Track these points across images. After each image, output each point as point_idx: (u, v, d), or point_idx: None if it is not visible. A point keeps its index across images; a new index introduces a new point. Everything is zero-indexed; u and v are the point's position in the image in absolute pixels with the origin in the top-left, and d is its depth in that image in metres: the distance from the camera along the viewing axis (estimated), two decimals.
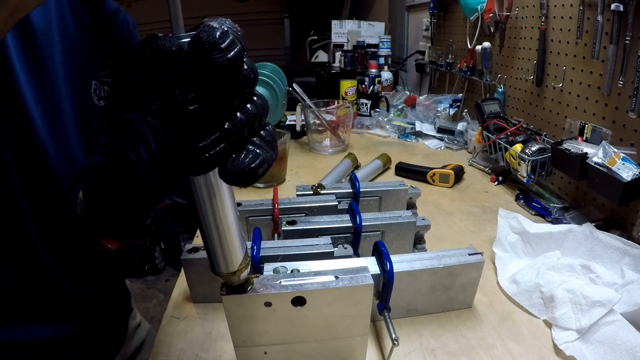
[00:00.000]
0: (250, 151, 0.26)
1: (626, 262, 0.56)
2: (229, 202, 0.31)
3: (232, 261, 0.33)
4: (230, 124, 0.25)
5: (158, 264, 2.21)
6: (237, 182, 0.26)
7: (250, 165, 0.26)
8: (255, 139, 0.27)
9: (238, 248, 0.32)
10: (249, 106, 0.26)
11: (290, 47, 3.35)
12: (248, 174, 0.26)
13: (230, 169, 0.26)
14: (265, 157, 0.27)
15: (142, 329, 0.67)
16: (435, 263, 0.49)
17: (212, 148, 0.25)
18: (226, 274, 0.33)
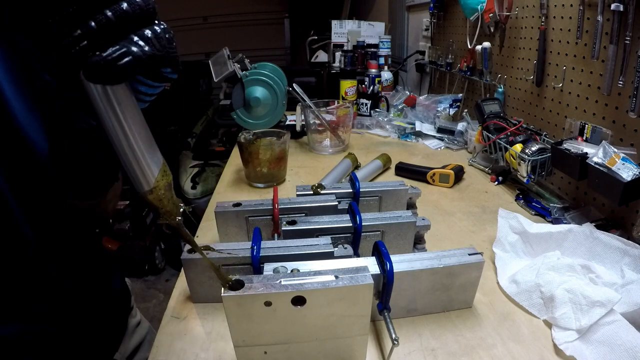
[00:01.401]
0: (116, 46, 0.27)
1: (626, 262, 0.56)
2: (128, 109, 0.31)
3: (146, 176, 0.33)
4: (94, 21, 0.26)
5: (158, 264, 2.21)
6: (96, 76, 0.27)
7: (107, 58, 0.26)
8: (133, 37, 0.27)
9: (148, 160, 0.33)
10: (123, 4, 0.26)
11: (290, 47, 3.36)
12: (104, 66, 0.26)
13: (87, 65, 0.26)
14: (132, 50, 0.27)
15: (142, 327, 0.67)
16: (435, 263, 0.49)
17: (74, 44, 0.26)
18: (144, 192, 0.34)
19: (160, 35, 0.29)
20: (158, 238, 2.24)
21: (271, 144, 0.91)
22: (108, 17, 0.26)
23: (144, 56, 0.28)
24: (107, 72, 0.27)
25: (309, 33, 2.16)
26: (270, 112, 1.21)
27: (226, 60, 1.17)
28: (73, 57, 0.26)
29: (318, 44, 2.07)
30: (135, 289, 2.08)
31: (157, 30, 0.29)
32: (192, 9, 3.15)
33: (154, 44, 0.28)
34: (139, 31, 0.28)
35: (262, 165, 0.91)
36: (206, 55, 1.55)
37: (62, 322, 0.46)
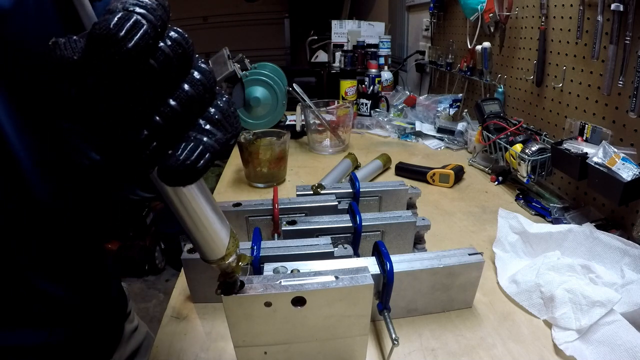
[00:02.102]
0: (190, 141, 0.23)
1: (626, 262, 0.56)
2: (199, 192, 0.28)
3: (218, 246, 0.32)
4: (159, 116, 0.22)
5: (158, 264, 2.21)
6: (176, 181, 0.23)
7: (185, 162, 0.23)
8: (201, 122, 0.24)
9: (219, 232, 0.31)
10: (185, 86, 0.22)
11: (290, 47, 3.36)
12: (184, 172, 0.23)
13: (163, 169, 0.23)
14: (208, 145, 0.23)
15: (139, 333, 0.66)
16: (435, 263, 0.49)
17: (144, 148, 0.22)
18: (215, 260, 0.33)
19: (227, 112, 0.25)
20: (158, 238, 2.24)
21: (271, 144, 0.91)
22: (173, 107, 0.22)
23: (220, 147, 0.24)
24: (186, 176, 0.23)
25: (309, 33, 2.16)
26: (270, 112, 1.22)
27: (226, 60, 1.17)
28: (144, 161, 0.22)
29: (318, 44, 2.07)
30: (135, 289, 2.09)
31: (222, 106, 0.24)
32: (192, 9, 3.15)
33: (224, 127, 0.24)
34: (206, 113, 0.24)
35: (262, 165, 0.91)
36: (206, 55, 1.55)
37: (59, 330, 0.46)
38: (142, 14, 0.20)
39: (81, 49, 0.20)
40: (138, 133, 0.21)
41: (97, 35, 0.19)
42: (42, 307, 0.43)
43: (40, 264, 0.42)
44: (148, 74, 0.20)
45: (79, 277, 0.48)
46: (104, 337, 0.56)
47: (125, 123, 0.21)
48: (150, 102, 0.21)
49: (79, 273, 0.48)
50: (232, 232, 0.33)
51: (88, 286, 0.50)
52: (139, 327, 0.67)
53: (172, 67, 0.21)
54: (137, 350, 0.64)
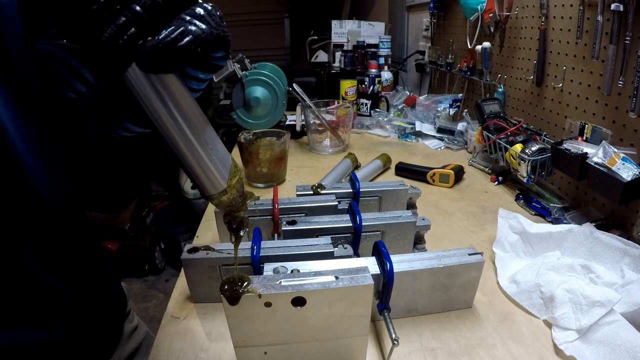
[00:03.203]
0: (170, 26, 0.23)
1: (626, 262, 0.56)
2: (189, 109, 0.27)
3: (217, 178, 0.29)
4: (138, 5, 0.22)
5: (158, 264, 2.21)
6: (155, 63, 0.23)
7: (165, 39, 0.22)
8: (184, 16, 0.23)
9: (217, 161, 0.29)
10: None
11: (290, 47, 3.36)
12: (163, 49, 0.22)
13: (142, 50, 0.22)
14: (191, 29, 0.23)
15: (138, 333, 0.65)
16: (435, 263, 0.49)
17: (120, 36, 0.22)
18: (216, 194, 0.30)
19: (212, 12, 0.25)
20: (158, 238, 2.24)
21: (271, 144, 0.91)
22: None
23: (203, 34, 0.24)
24: (166, 56, 0.23)
25: (309, 33, 2.16)
26: (270, 112, 1.22)
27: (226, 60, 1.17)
28: (121, 48, 0.22)
29: (318, 44, 2.07)
30: (135, 289, 2.09)
31: (207, 7, 0.25)
32: None
33: (209, 22, 0.24)
34: (189, 10, 0.24)
35: (262, 165, 0.91)
36: None
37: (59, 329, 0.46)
38: None
39: None
40: (116, 20, 0.22)
41: None
42: (42, 306, 0.43)
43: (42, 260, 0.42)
44: None
45: (79, 275, 0.48)
46: (104, 336, 0.56)
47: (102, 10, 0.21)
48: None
49: (79, 271, 0.48)
50: (233, 163, 0.31)
51: (88, 285, 0.50)
52: (138, 326, 0.66)
53: None
54: (137, 350, 0.64)
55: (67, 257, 0.46)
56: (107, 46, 0.22)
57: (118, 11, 0.22)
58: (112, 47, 0.22)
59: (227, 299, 0.36)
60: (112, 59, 0.22)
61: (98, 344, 0.54)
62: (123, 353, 0.60)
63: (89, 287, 0.50)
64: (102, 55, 0.22)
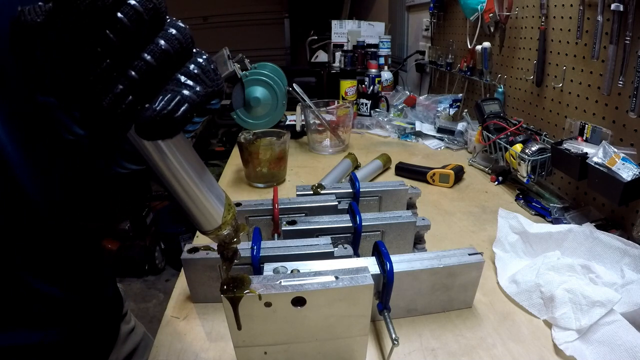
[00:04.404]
0: (167, 93, 0.23)
1: (626, 262, 0.56)
2: (185, 154, 0.28)
3: (212, 215, 0.31)
4: (134, 70, 0.22)
5: (158, 264, 2.21)
6: (153, 133, 0.23)
7: (162, 111, 0.22)
8: (179, 76, 0.23)
9: (212, 200, 0.30)
10: (160, 41, 0.22)
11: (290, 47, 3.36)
12: (161, 122, 0.22)
13: (140, 122, 0.22)
14: (187, 95, 0.23)
15: (135, 334, 0.65)
16: (435, 263, 0.49)
17: (118, 104, 0.22)
18: (212, 230, 0.31)
19: (206, 68, 0.25)
20: (158, 238, 2.24)
21: (271, 144, 0.91)
22: (148, 62, 0.22)
23: (199, 99, 0.24)
24: (164, 127, 0.23)
25: (309, 33, 2.16)
26: (270, 112, 1.22)
27: (226, 60, 1.17)
28: (120, 116, 0.22)
29: (318, 44, 2.07)
30: (135, 289, 2.09)
31: (201, 63, 0.25)
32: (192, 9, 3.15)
33: (204, 81, 0.24)
34: (184, 69, 0.24)
35: (262, 165, 0.91)
36: None
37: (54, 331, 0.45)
38: None
39: (45, 12, 0.21)
40: (113, 88, 0.22)
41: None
42: (37, 308, 0.43)
43: (34, 264, 0.41)
44: (116, 27, 0.20)
45: (74, 277, 0.48)
46: (100, 337, 0.56)
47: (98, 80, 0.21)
48: (123, 58, 0.22)
49: (74, 273, 0.48)
50: (227, 200, 0.32)
51: (83, 286, 0.49)
52: (135, 328, 0.66)
53: (142, 22, 0.21)
54: (134, 352, 0.64)
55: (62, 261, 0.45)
56: (106, 114, 0.22)
57: (115, 78, 0.22)
58: (111, 115, 0.22)
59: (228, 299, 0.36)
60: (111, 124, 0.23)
61: (94, 346, 0.54)
62: (120, 355, 0.60)
63: (84, 289, 0.50)
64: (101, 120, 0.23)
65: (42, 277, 0.43)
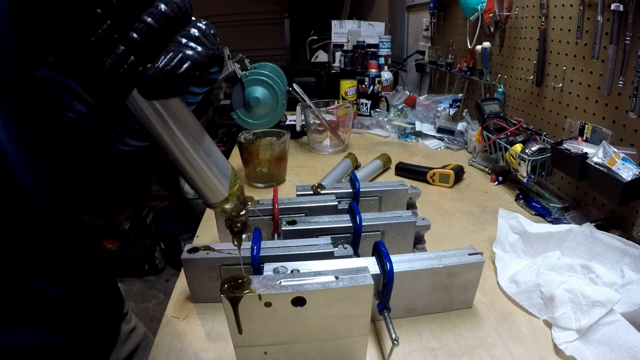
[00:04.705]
0: (168, 52, 0.23)
1: (626, 262, 0.56)
2: (188, 124, 0.28)
3: (218, 187, 0.30)
4: (135, 32, 0.22)
5: (158, 264, 2.21)
6: (157, 91, 0.23)
7: (165, 67, 0.23)
8: (180, 39, 0.24)
9: (217, 171, 0.30)
10: (160, 6, 0.23)
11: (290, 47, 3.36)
12: (164, 78, 0.23)
13: (143, 79, 0.22)
14: (189, 54, 0.23)
15: (136, 334, 0.65)
16: (435, 263, 0.49)
17: (120, 65, 0.22)
18: (218, 202, 0.31)
19: (206, 32, 0.25)
20: (158, 238, 2.24)
21: (271, 144, 0.91)
22: (148, 23, 0.23)
23: (201, 58, 0.24)
24: (167, 84, 0.23)
25: (309, 33, 2.16)
26: (270, 112, 1.21)
27: (226, 60, 1.17)
28: (122, 77, 0.22)
29: (318, 44, 2.07)
30: (135, 289, 2.09)
31: (201, 27, 0.25)
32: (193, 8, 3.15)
33: (204, 43, 0.25)
34: (184, 32, 0.25)
35: (262, 165, 0.91)
36: None
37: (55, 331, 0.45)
38: None
39: None
40: (114, 49, 0.22)
41: None
42: (37, 308, 0.43)
43: (34, 263, 0.41)
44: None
45: (75, 276, 0.48)
46: (100, 337, 0.56)
47: (100, 42, 0.21)
48: (123, 20, 0.22)
49: (75, 273, 0.48)
50: (233, 172, 0.32)
51: (84, 286, 0.49)
52: (136, 327, 0.66)
53: None
54: (135, 351, 0.64)
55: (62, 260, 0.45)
56: (108, 76, 0.22)
57: (116, 40, 0.22)
58: (113, 76, 0.22)
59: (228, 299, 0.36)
60: (113, 87, 0.23)
61: (95, 346, 0.54)
62: (120, 354, 0.60)
63: (85, 288, 0.50)
64: (103, 83, 0.23)
65: (43, 277, 0.43)
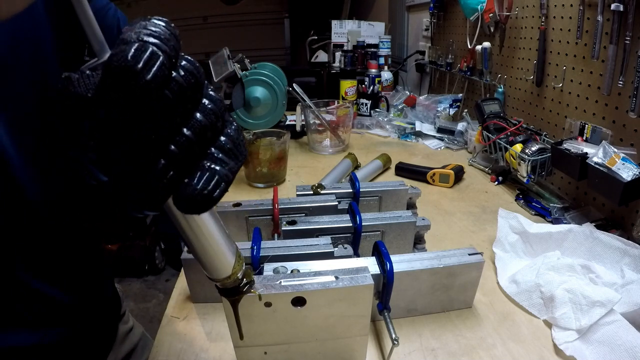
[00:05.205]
0: (205, 170, 0.23)
1: (626, 262, 0.56)
2: (208, 222, 0.29)
3: (224, 267, 0.32)
4: (174, 145, 0.22)
5: (158, 264, 2.21)
6: (193, 209, 0.23)
7: (203, 191, 0.23)
8: (213, 151, 0.24)
9: (226, 254, 0.31)
10: (197, 115, 0.22)
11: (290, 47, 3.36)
12: (201, 202, 0.23)
13: (181, 199, 0.23)
14: (223, 174, 0.24)
15: (134, 334, 0.65)
16: (435, 263, 0.49)
17: (160, 179, 0.22)
18: (221, 279, 0.33)
19: (237, 140, 0.25)
20: (158, 238, 2.24)
21: (271, 144, 0.91)
22: (188, 137, 0.22)
23: (232, 175, 0.25)
24: (203, 205, 0.23)
25: (309, 33, 2.15)
26: (270, 112, 1.22)
27: (226, 60, 1.17)
28: (160, 191, 0.22)
29: (318, 44, 2.07)
30: (135, 289, 2.09)
31: (232, 135, 0.25)
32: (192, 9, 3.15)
33: (235, 155, 0.25)
34: (218, 142, 0.24)
35: (262, 165, 0.91)
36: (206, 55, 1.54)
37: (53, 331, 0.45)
38: (157, 45, 0.19)
39: (94, 85, 0.20)
40: (155, 163, 0.21)
41: (115, 68, 0.19)
42: (37, 308, 0.43)
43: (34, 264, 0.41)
44: (164, 105, 0.20)
45: (75, 277, 0.48)
46: (98, 338, 0.56)
47: (142, 154, 0.21)
48: (166, 133, 0.21)
49: (75, 273, 0.48)
50: (237, 252, 0.33)
51: (82, 286, 0.50)
52: (134, 328, 0.66)
53: (186, 97, 0.21)
54: (132, 352, 0.64)
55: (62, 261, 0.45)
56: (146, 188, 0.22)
57: (157, 154, 0.22)
58: (152, 187, 0.22)
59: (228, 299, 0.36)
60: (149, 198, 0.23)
61: (92, 346, 0.54)
62: (118, 355, 0.60)
63: (84, 289, 0.50)
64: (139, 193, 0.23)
65: (42, 278, 0.43)
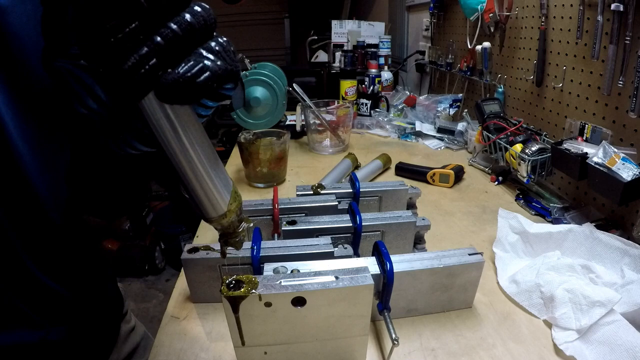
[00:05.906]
0: (189, 61, 0.24)
1: (626, 262, 0.56)
2: (197, 135, 0.28)
3: (219, 201, 0.31)
4: (160, 36, 0.23)
5: (158, 264, 2.21)
6: (175, 96, 0.24)
7: (185, 74, 0.24)
8: (201, 50, 0.25)
9: (220, 186, 0.30)
10: (186, 15, 0.24)
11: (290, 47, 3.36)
12: (184, 84, 0.24)
13: (163, 82, 0.23)
14: (209, 65, 0.24)
15: (136, 334, 0.65)
16: (435, 263, 0.49)
17: (141, 65, 0.23)
18: (216, 217, 0.31)
19: (227, 48, 0.26)
20: (158, 238, 2.24)
21: (271, 144, 0.91)
22: (174, 30, 0.23)
23: (220, 70, 0.25)
24: (185, 90, 0.24)
25: (309, 33, 2.16)
26: (270, 112, 1.21)
27: None
28: (141, 77, 0.23)
29: (318, 44, 2.07)
30: (135, 289, 2.09)
31: (222, 42, 0.26)
32: None
33: (224, 58, 0.26)
34: (206, 44, 0.26)
35: (262, 165, 0.91)
36: None
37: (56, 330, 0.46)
38: None
39: None
40: (138, 50, 0.23)
41: None
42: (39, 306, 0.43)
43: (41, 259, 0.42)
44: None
45: (78, 275, 0.48)
46: (100, 337, 0.56)
47: (125, 40, 0.22)
48: (150, 23, 0.22)
49: (77, 272, 0.48)
50: (234, 189, 0.32)
51: (85, 285, 0.50)
52: (136, 327, 0.66)
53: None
54: (134, 351, 0.64)
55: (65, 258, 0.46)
56: (128, 74, 0.23)
57: (141, 41, 0.23)
58: (132, 75, 0.23)
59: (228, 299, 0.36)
60: (131, 86, 0.24)
61: (95, 345, 0.54)
62: (120, 354, 0.60)
63: (86, 287, 0.50)
64: (121, 81, 0.23)
65: (48, 274, 0.43)
